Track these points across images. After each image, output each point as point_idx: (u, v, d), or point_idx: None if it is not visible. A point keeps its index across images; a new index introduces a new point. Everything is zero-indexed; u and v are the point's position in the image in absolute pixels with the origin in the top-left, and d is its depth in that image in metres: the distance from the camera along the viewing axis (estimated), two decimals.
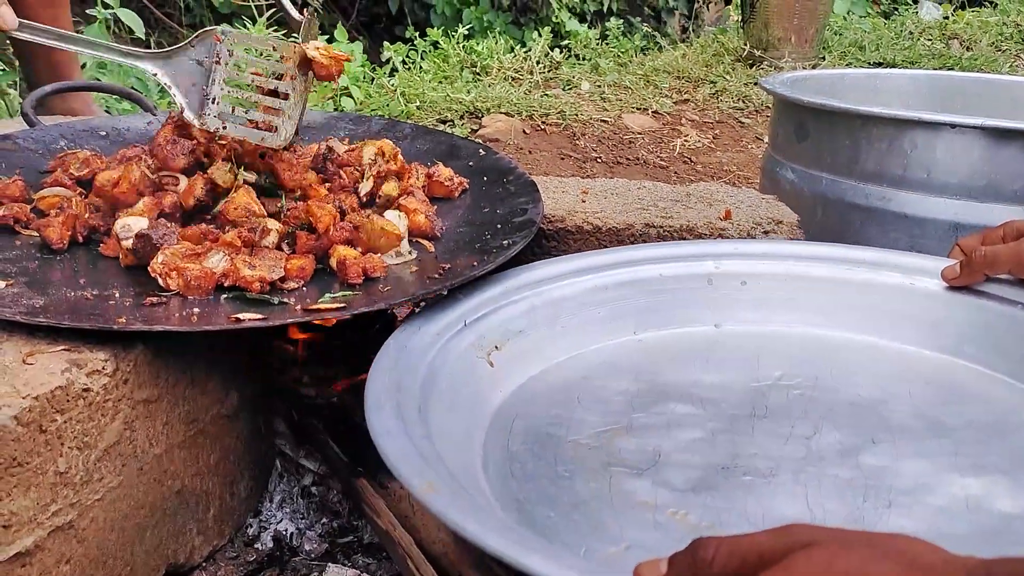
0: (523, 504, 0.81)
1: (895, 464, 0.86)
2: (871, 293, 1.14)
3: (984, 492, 0.83)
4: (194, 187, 1.08)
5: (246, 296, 0.96)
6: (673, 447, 0.89)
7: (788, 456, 0.88)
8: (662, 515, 0.80)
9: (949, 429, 0.93)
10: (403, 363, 0.89)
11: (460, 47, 4.34)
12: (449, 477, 0.72)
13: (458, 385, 0.93)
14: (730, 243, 1.20)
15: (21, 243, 1.06)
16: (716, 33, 5.51)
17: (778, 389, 1.00)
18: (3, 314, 0.86)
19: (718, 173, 3.34)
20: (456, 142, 1.43)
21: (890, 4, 7.29)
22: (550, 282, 1.09)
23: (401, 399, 0.83)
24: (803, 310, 1.14)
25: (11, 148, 1.28)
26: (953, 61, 4.72)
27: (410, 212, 1.13)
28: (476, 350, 0.98)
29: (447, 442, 0.81)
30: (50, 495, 0.77)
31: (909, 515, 0.80)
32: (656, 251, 1.17)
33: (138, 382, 0.86)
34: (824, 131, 1.64)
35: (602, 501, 0.82)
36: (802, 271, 1.16)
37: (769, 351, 1.08)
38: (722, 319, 1.13)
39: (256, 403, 1.07)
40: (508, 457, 0.88)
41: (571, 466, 0.87)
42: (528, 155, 3.28)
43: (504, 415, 0.95)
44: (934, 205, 1.50)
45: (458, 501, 0.67)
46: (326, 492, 1.13)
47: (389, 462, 0.72)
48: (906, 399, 0.98)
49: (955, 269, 1.10)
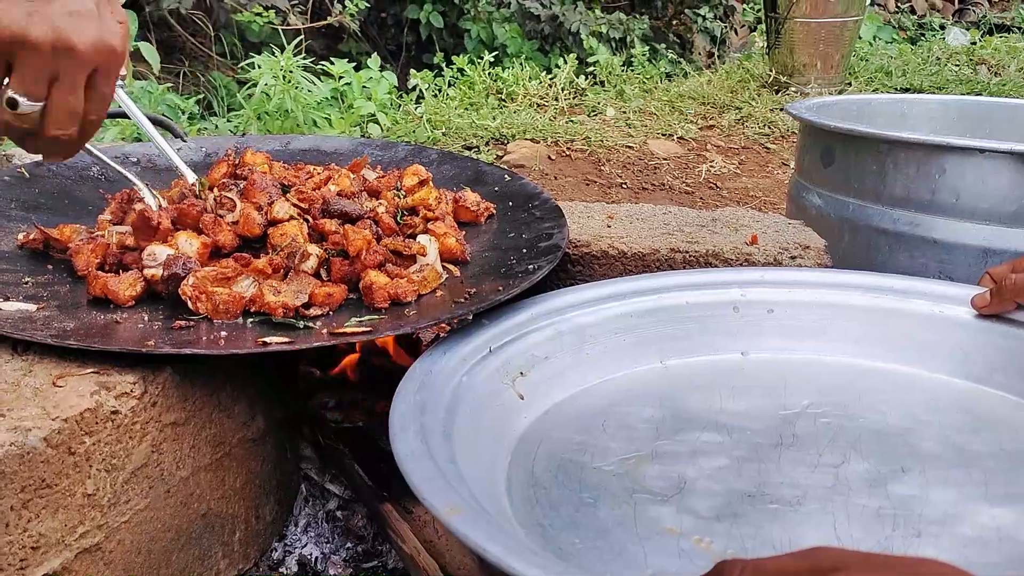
0: (547, 529, 0.81)
1: (924, 493, 0.85)
2: (899, 321, 1.13)
3: (1015, 522, 0.81)
4: (252, 218, 1.09)
5: (272, 320, 0.96)
6: (698, 474, 0.88)
7: (815, 484, 0.87)
8: (686, 542, 0.79)
9: (978, 458, 0.91)
10: (428, 387, 0.89)
11: (486, 74, 4.37)
12: (473, 500, 0.72)
13: (483, 410, 0.93)
14: (756, 271, 1.19)
15: (53, 267, 1.08)
16: (741, 59, 5.52)
17: (805, 417, 0.99)
18: (34, 337, 0.87)
19: (744, 199, 3.33)
20: (482, 168, 1.44)
21: (917, 30, 7.27)
22: (575, 309, 1.09)
23: (426, 422, 0.83)
24: (830, 338, 1.13)
25: (44, 174, 1.30)
26: (981, 86, 4.70)
27: (440, 236, 1.13)
28: (501, 376, 0.98)
29: (471, 466, 0.81)
30: (78, 517, 0.78)
31: (938, 545, 0.78)
32: (682, 279, 1.17)
33: (166, 405, 0.86)
34: (851, 156, 1.63)
35: (626, 528, 0.81)
36: (829, 299, 1.15)
37: (796, 379, 1.07)
38: (748, 347, 1.13)
39: (282, 427, 1.08)
40: (532, 483, 0.88)
41: (595, 492, 0.86)
42: (553, 181, 3.29)
43: (529, 441, 0.95)
44: (963, 230, 1.48)
45: (481, 524, 0.67)
46: (351, 516, 1.13)
47: (413, 484, 0.72)
48: (935, 428, 0.97)
49: (985, 297, 1.09)
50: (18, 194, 1.24)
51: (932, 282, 1.17)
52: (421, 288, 1.04)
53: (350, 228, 1.09)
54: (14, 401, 0.78)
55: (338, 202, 1.13)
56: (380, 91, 3.83)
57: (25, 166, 1.31)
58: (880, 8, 7.60)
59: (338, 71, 3.82)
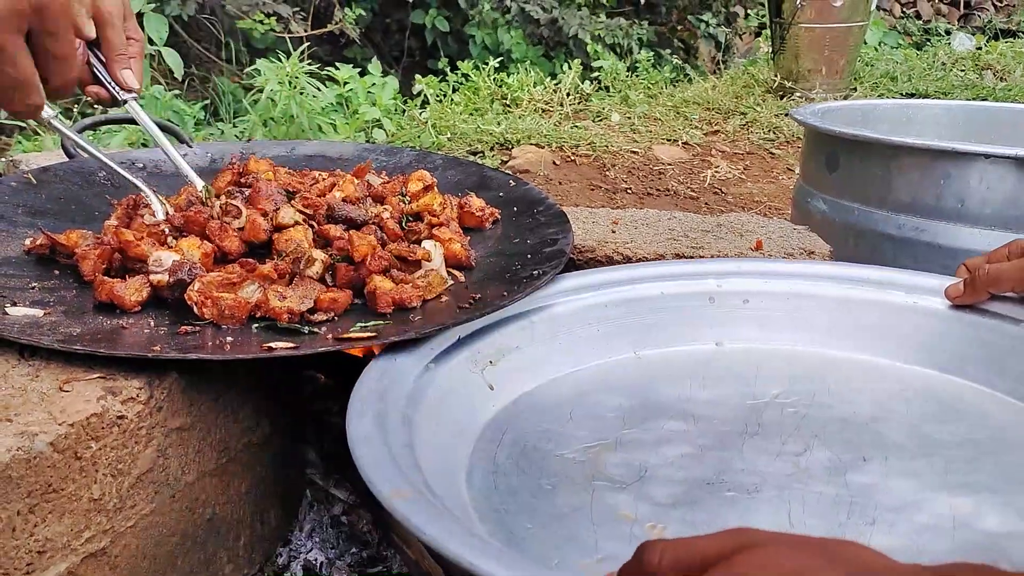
0: (502, 515, 0.81)
1: (883, 482, 0.85)
2: (874, 312, 1.13)
3: (971, 510, 0.81)
4: (257, 224, 1.10)
5: (277, 325, 0.97)
6: (660, 462, 0.88)
7: (775, 472, 0.87)
8: (640, 529, 0.79)
9: (942, 447, 0.91)
10: (391, 374, 0.89)
11: (491, 79, 4.37)
12: (424, 486, 0.72)
13: (449, 397, 0.93)
14: (732, 262, 1.19)
15: (59, 272, 1.08)
16: (746, 65, 5.52)
17: (773, 407, 0.98)
18: (40, 342, 0.87)
19: (749, 204, 3.33)
20: (487, 173, 1.44)
21: (922, 35, 7.27)
22: (549, 299, 1.09)
23: (384, 408, 0.83)
24: (805, 328, 1.13)
25: (51, 180, 1.30)
26: (987, 92, 4.70)
27: (445, 241, 1.14)
28: (471, 365, 0.98)
29: (430, 452, 0.81)
30: (84, 521, 0.78)
31: (891, 532, 0.78)
32: (658, 269, 1.17)
33: (171, 410, 0.87)
34: (856, 162, 1.63)
35: (582, 514, 0.81)
36: (805, 289, 1.15)
37: (768, 369, 1.07)
38: (723, 337, 1.12)
39: (287, 432, 1.08)
40: (493, 469, 0.88)
41: (554, 479, 0.86)
42: (558, 186, 3.29)
43: (495, 428, 0.95)
44: (968, 235, 1.48)
45: (422, 508, 0.67)
46: (356, 521, 1.13)
47: (361, 468, 0.72)
48: (902, 417, 0.97)
49: (959, 288, 1.09)
50: (25, 200, 1.25)
51: (907, 273, 1.16)
52: (426, 293, 1.04)
53: (355, 233, 1.09)
54: (21, 406, 0.78)
55: (343, 208, 1.14)
56: (385, 96, 3.84)
57: (32, 172, 1.31)
58: (885, 13, 7.60)
59: (343, 76, 3.83)
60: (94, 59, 1.15)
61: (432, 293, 1.05)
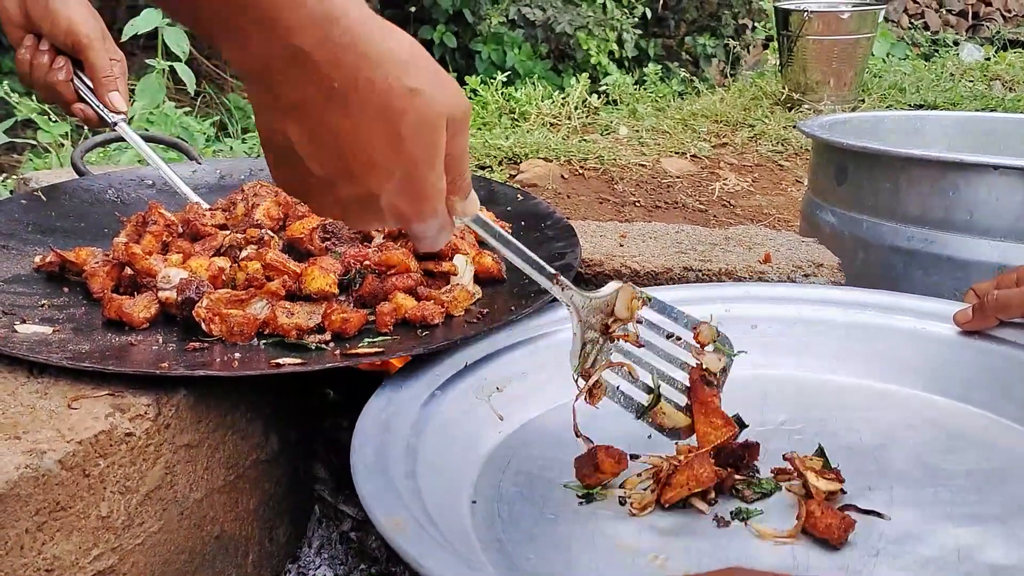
0: (504, 544, 0.81)
1: (887, 511, 0.84)
2: (882, 338, 1.12)
3: (976, 542, 0.80)
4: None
5: (285, 341, 0.97)
6: None
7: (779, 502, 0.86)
8: (641, 559, 0.79)
9: (948, 476, 0.90)
10: (396, 402, 0.89)
11: (499, 94, 4.38)
12: (424, 516, 0.72)
13: (454, 425, 0.93)
14: (741, 286, 1.19)
15: (68, 290, 1.08)
16: (754, 77, 5.52)
17: (780, 434, 0.98)
18: (49, 359, 0.87)
19: (757, 216, 3.32)
20: (494, 187, 1.44)
21: (931, 46, 7.27)
22: (555, 325, 1.08)
23: (388, 438, 0.83)
24: (813, 355, 1.12)
25: (61, 197, 1.31)
26: (996, 102, 4.69)
27: (476, 255, 1.13)
28: (476, 392, 0.98)
29: (434, 481, 0.81)
30: (92, 539, 0.78)
31: (894, 565, 0.77)
32: (665, 294, 1.16)
33: (180, 427, 0.87)
34: (864, 174, 1.63)
35: (583, 544, 0.81)
36: (813, 315, 1.14)
37: (775, 395, 1.06)
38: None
39: (296, 448, 1.08)
40: (497, 498, 0.88)
41: (557, 509, 0.86)
42: (566, 200, 3.29)
43: (500, 456, 0.94)
44: (978, 247, 1.48)
45: (419, 539, 0.68)
46: (365, 538, 1.13)
47: (362, 498, 0.73)
48: (908, 445, 0.96)
49: (967, 313, 1.08)
50: (34, 217, 1.25)
51: (916, 298, 1.15)
52: (451, 308, 1.04)
53: (391, 243, 1.09)
54: (29, 424, 0.78)
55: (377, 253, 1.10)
56: None
57: (41, 189, 1.32)
58: (893, 25, 7.61)
59: None
60: (78, 81, 1.15)
61: (457, 308, 1.04)
